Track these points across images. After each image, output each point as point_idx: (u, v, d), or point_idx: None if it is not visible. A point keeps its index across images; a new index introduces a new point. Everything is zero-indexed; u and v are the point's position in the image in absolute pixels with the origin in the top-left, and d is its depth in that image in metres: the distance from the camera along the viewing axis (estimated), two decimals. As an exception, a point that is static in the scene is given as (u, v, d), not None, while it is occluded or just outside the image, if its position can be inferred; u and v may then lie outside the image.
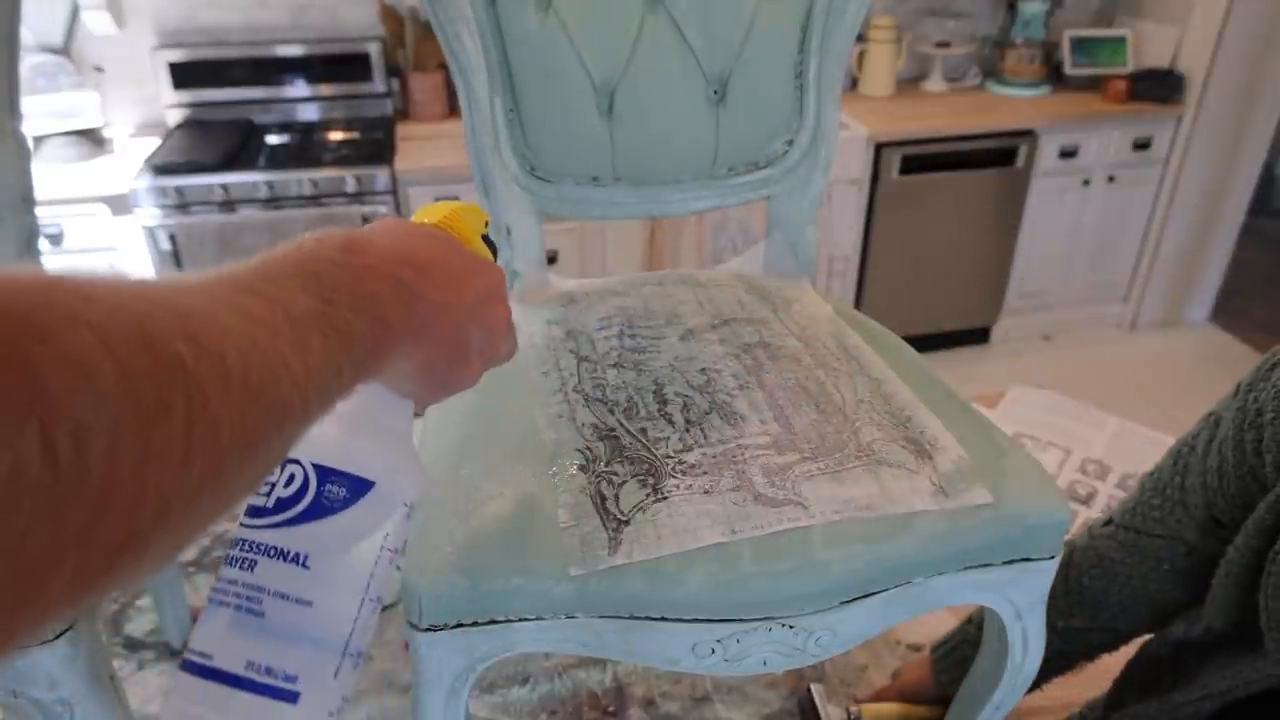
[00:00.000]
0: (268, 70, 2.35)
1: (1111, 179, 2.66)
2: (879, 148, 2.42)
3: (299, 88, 2.38)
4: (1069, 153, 2.58)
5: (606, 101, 0.85)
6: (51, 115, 2.14)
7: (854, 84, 2.70)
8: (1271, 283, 3.30)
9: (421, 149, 2.23)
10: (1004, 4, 2.80)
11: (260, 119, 2.37)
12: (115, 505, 0.23)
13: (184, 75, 2.29)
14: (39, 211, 0.81)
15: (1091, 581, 0.83)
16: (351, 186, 2.08)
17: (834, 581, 0.57)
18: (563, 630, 0.59)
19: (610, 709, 1.03)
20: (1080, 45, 2.68)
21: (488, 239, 0.53)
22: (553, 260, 2.24)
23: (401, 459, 0.46)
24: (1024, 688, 0.72)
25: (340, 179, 2.08)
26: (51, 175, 2.05)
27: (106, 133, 2.29)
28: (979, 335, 2.87)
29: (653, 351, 0.75)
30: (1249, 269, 3.09)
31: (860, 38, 2.61)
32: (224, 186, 2.03)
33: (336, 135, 2.32)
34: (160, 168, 2.03)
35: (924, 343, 2.58)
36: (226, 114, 2.33)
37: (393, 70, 2.44)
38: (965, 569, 0.62)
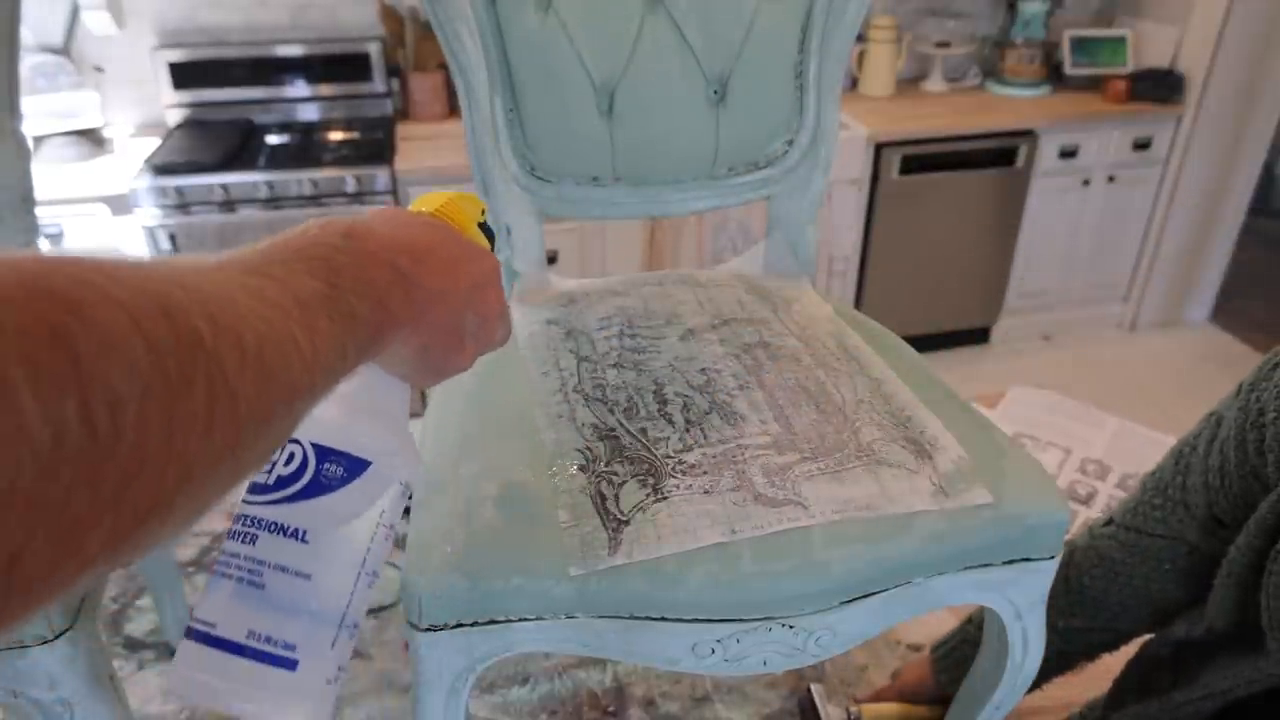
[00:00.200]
0: (268, 70, 2.35)
1: (1111, 179, 2.66)
2: (879, 148, 2.42)
3: (299, 88, 2.38)
4: (1069, 153, 2.58)
5: (606, 101, 0.85)
6: (51, 115, 2.14)
7: (854, 84, 2.70)
8: (1271, 283, 3.30)
9: (421, 149, 2.23)
10: (1004, 4, 2.80)
11: (260, 119, 2.37)
12: (145, 470, 0.24)
13: (184, 75, 2.29)
14: (39, 211, 0.82)
15: (1092, 581, 0.83)
16: (351, 186, 2.08)
17: (834, 581, 0.57)
18: (563, 630, 0.59)
19: (610, 709, 1.03)
20: (1080, 45, 2.68)
21: (484, 226, 0.54)
22: (553, 260, 2.24)
23: (397, 440, 0.48)
24: (1024, 688, 0.72)
25: (340, 179, 2.08)
26: (51, 175, 2.05)
27: (106, 133, 2.29)
28: (979, 335, 2.87)
29: (653, 351, 0.75)
30: (1249, 269, 3.09)
31: (860, 38, 2.61)
32: (224, 186, 2.03)
33: (336, 135, 2.32)
34: (160, 168, 2.03)
35: (924, 343, 2.57)
36: (226, 114, 2.33)
37: (393, 70, 2.44)
38: (965, 569, 0.62)
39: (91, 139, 2.22)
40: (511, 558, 0.57)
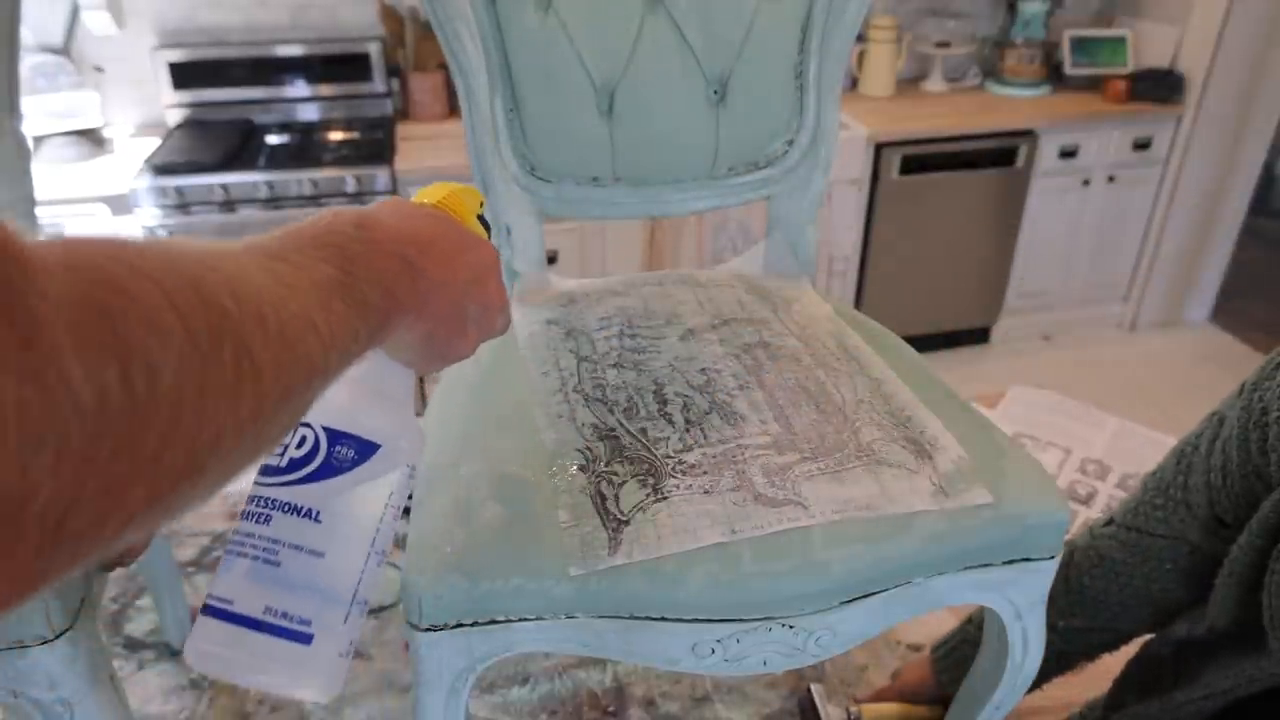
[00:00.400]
0: (268, 70, 2.35)
1: (1111, 179, 2.66)
2: (879, 148, 2.42)
3: (299, 88, 2.38)
4: (1069, 153, 2.58)
5: (606, 101, 0.85)
6: (51, 115, 2.14)
7: (854, 84, 2.70)
8: (1271, 283, 3.30)
9: (421, 149, 2.23)
10: (1004, 4, 2.80)
11: (260, 119, 2.37)
12: (180, 433, 0.26)
13: (184, 75, 2.29)
14: (39, 211, 0.82)
15: (1092, 581, 0.83)
16: (351, 186, 2.08)
17: (834, 581, 0.57)
18: (563, 630, 0.59)
19: (610, 709, 1.03)
20: (1080, 45, 2.68)
21: (482, 218, 0.56)
22: (553, 260, 2.24)
23: (404, 424, 0.50)
24: (1024, 688, 0.72)
25: (340, 179, 2.08)
26: (51, 175, 2.05)
27: (106, 133, 2.29)
28: (979, 335, 2.87)
29: (653, 351, 0.75)
30: (1249, 269, 3.09)
31: (860, 38, 2.61)
32: (224, 186, 2.03)
33: (336, 135, 2.32)
34: (160, 168, 2.03)
35: (924, 343, 2.58)
36: (226, 114, 2.33)
37: (393, 70, 2.44)
38: (965, 569, 0.62)
39: (91, 139, 2.22)
40: (511, 558, 0.57)
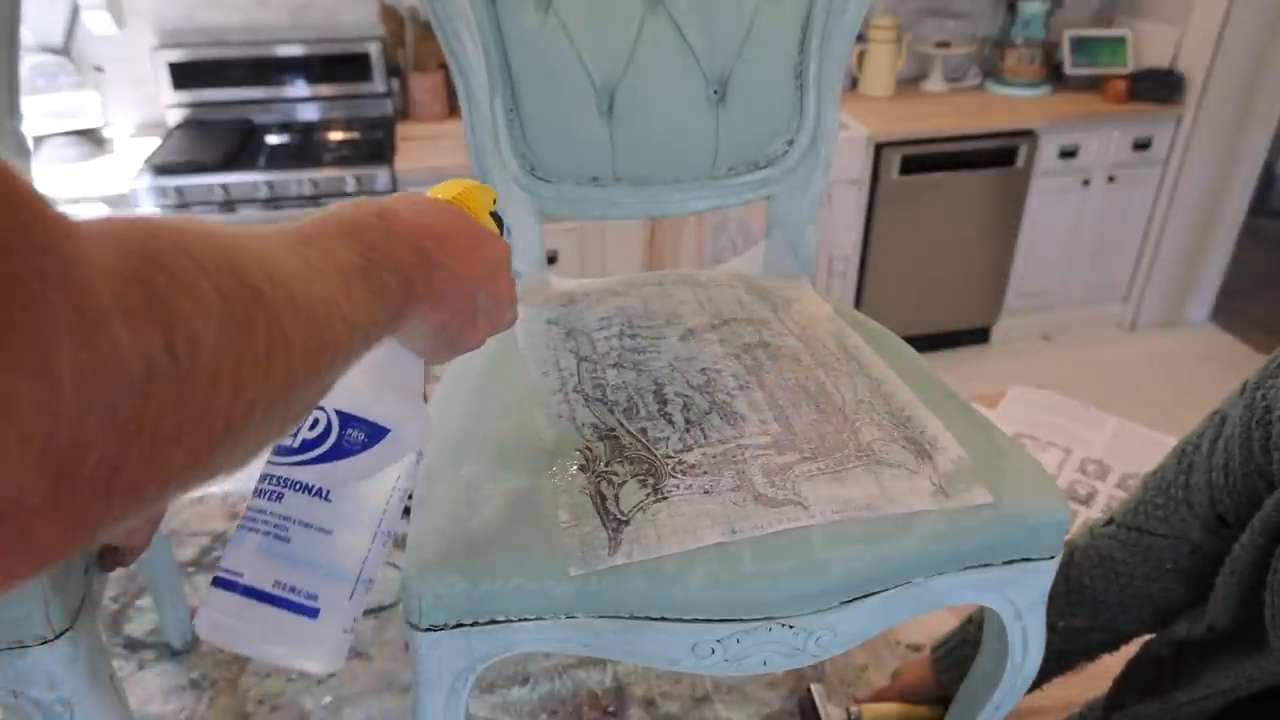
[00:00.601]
0: (268, 70, 2.34)
1: (1111, 179, 2.66)
2: (879, 148, 2.42)
3: (299, 88, 2.38)
4: (1069, 153, 2.58)
5: (606, 101, 0.85)
6: (51, 115, 2.14)
7: (854, 84, 2.70)
8: (1271, 283, 3.30)
9: (421, 149, 2.23)
10: (1004, 4, 2.80)
11: (260, 119, 2.37)
12: (217, 401, 0.28)
13: (184, 75, 2.29)
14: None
15: (1092, 581, 0.83)
16: (351, 186, 2.08)
17: (834, 581, 0.57)
18: (563, 630, 0.59)
19: (610, 709, 1.03)
20: (1080, 45, 2.68)
21: (495, 215, 0.57)
22: (553, 260, 2.24)
23: (413, 410, 0.51)
24: (1024, 688, 0.72)
25: (340, 179, 2.08)
26: (51, 175, 2.05)
27: (106, 133, 2.29)
28: (979, 335, 2.87)
29: (653, 351, 0.75)
30: (1249, 269, 3.09)
31: (860, 38, 2.61)
32: (224, 186, 2.03)
33: (336, 135, 2.32)
34: (160, 168, 2.03)
35: (924, 343, 2.58)
36: (226, 114, 2.33)
37: (393, 70, 2.44)
38: (965, 569, 0.62)
39: (91, 139, 2.22)
40: (511, 558, 0.57)
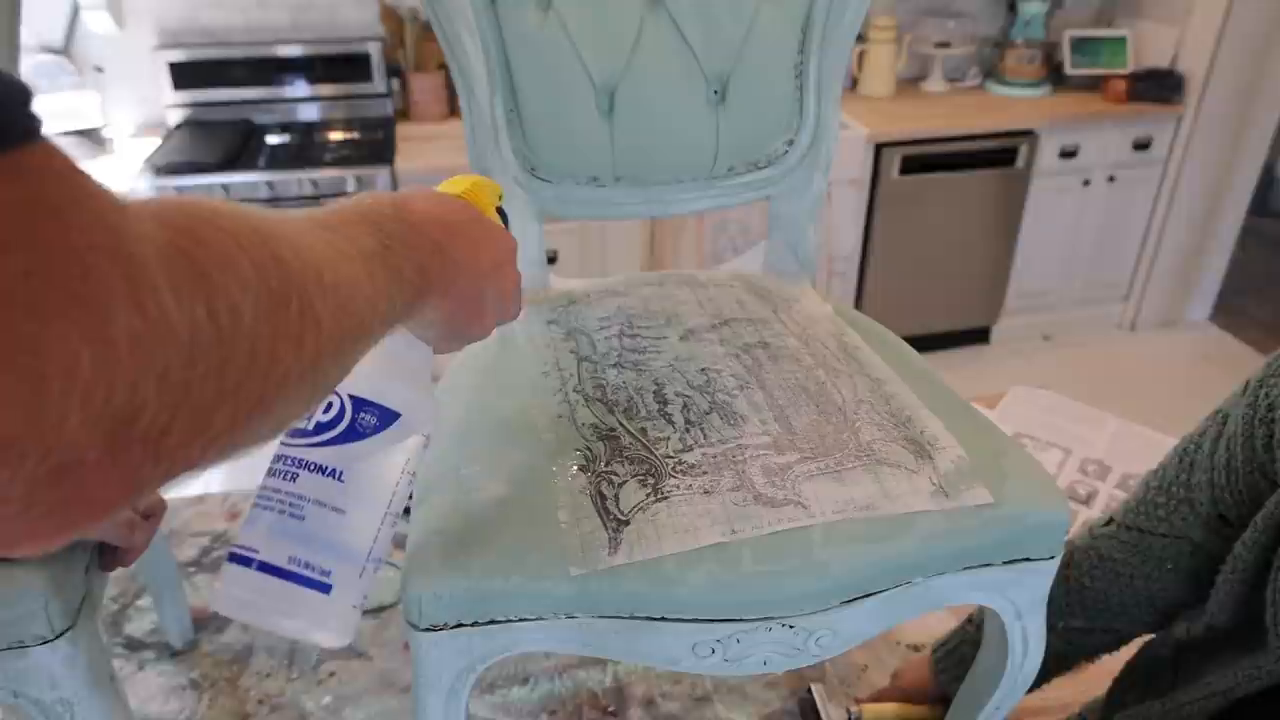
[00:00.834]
0: (268, 70, 2.35)
1: (1111, 179, 2.66)
2: (879, 148, 2.42)
3: (299, 88, 2.38)
4: (1069, 153, 2.58)
5: (607, 101, 0.85)
6: (51, 115, 2.14)
7: (854, 84, 2.70)
8: (1271, 283, 3.30)
9: (421, 149, 2.23)
10: (1004, 4, 2.80)
11: (260, 119, 2.37)
12: (255, 368, 0.30)
13: (184, 75, 2.29)
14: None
15: (1092, 582, 0.83)
16: (352, 186, 2.08)
17: (834, 581, 0.57)
18: (563, 630, 0.59)
19: (610, 709, 1.03)
20: (1080, 45, 2.68)
21: (501, 210, 0.59)
22: (553, 260, 2.23)
23: (422, 396, 0.53)
24: (1024, 688, 0.72)
25: (340, 179, 2.08)
26: (51, 175, 2.05)
27: (106, 133, 2.29)
28: (979, 335, 2.87)
29: (653, 351, 0.75)
30: (1249, 269, 3.09)
31: (860, 38, 2.60)
32: (224, 186, 2.03)
33: (336, 135, 2.32)
34: (160, 168, 2.03)
35: (924, 343, 2.57)
36: (226, 114, 2.33)
37: (393, 70, 2.44)
38: (965, 569, 0.62)
39: (91, 139, 2.22)
40: (511, 558, 0.57)
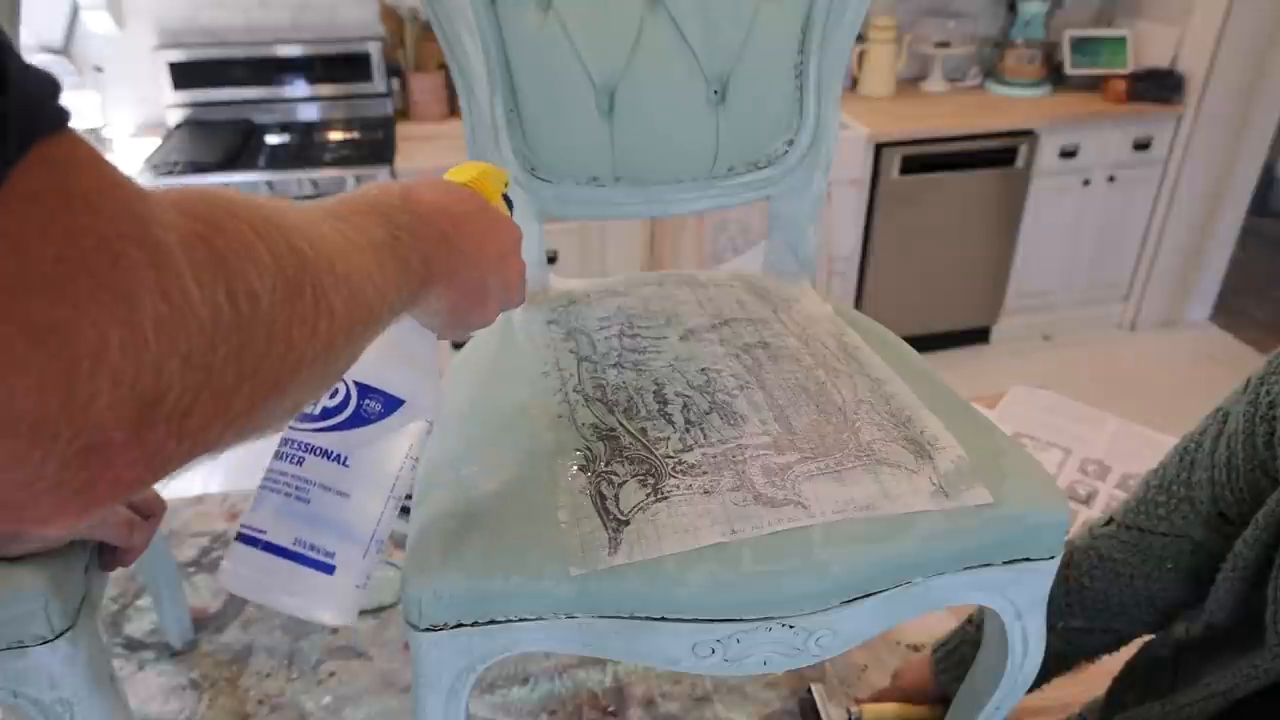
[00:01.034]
0: (268, 70, 2.35)
1: (1111, 179, 2.66)
2: (879, 148, 2.42)
3: (299, 88, 2.38)
4: (1069, 153, 2.58)
5: (606, 101, 0.85)
6: (51, 115, 2.14)
7: (854, 84, 2.70)
8: (1271, 283, 3.30)
9: (421, 149, 2.23)
10: (1004, 4, 2.80)
11: (260, 119, 2.37)
12: (273, 352, 0.30)
13: (184, 75, 2.29)
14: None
15: (1092, 582, 0.83)
16: (351, 186, 2.08)
17: (834, 581, 0.57)
18: (563, 630, 0.59)
19: (610, 709, 1.03)
20: (1080, 45, 2.68)
21: (507, 197, 0.60)
22: (553, 260, 2.23)
23: (426, 383, 0.54)
24: (1024, 688, 0.72)
25: (340, 179, 2.08)
26: (51, 175, 2.05)
27: (106, 133, 2.29)
28: (979, 335, 2.87)
29: (653, 351, 0.75)
30: (1249, 269, 3.09)
31: (860, 38, 2.61)
32: (224, 186, 2.03)
33: (336, 135, 2.32)
34: (161, 167, 2.03)
35: (924, 343, 2.57)
36: (226, 114, 2.33)
37: (393, 70, 2.44)
38: (965, 569, 0.62)
39: (92, 139, 2.22)
40: (511, 558, 0.57)
